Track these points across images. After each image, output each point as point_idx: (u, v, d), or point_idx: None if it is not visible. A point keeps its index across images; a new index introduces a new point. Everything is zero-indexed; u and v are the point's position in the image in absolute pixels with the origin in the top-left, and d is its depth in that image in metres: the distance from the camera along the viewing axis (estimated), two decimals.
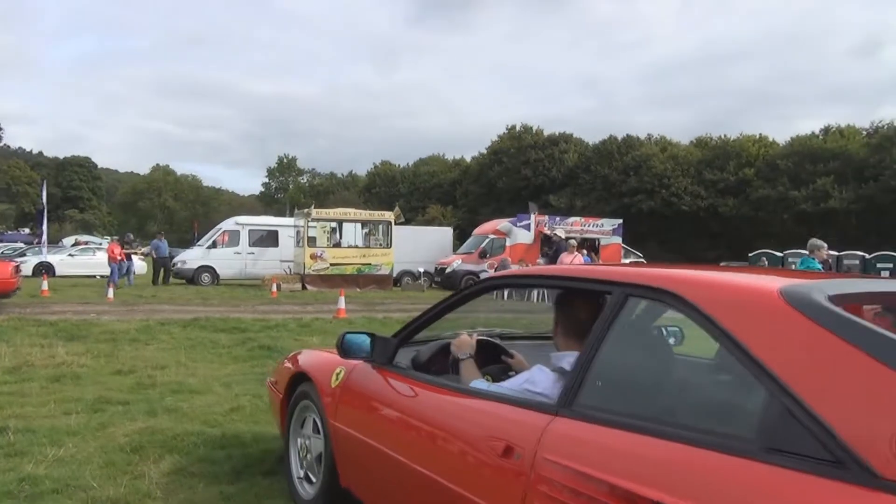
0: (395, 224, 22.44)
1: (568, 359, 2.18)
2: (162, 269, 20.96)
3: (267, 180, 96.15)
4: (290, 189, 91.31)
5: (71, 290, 17.20)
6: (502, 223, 24.04)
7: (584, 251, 19.11)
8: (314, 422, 3.18)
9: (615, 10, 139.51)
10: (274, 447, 4.07)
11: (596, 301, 2.20)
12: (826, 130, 49.38)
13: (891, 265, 26.86)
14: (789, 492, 1.30)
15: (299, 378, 3.37)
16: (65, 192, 78.78)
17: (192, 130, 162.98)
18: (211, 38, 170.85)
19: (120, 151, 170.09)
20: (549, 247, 23.09)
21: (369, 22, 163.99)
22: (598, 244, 23.94)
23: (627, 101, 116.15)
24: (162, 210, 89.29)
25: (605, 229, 24.66)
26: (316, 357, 3.51)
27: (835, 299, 1.53)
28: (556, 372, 2.21)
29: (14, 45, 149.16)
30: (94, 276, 24.21)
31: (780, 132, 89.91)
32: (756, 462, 1.37)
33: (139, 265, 27.35)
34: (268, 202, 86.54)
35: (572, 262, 14.70)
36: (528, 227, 23.12)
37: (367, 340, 2.85)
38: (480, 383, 2.43)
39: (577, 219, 25.32)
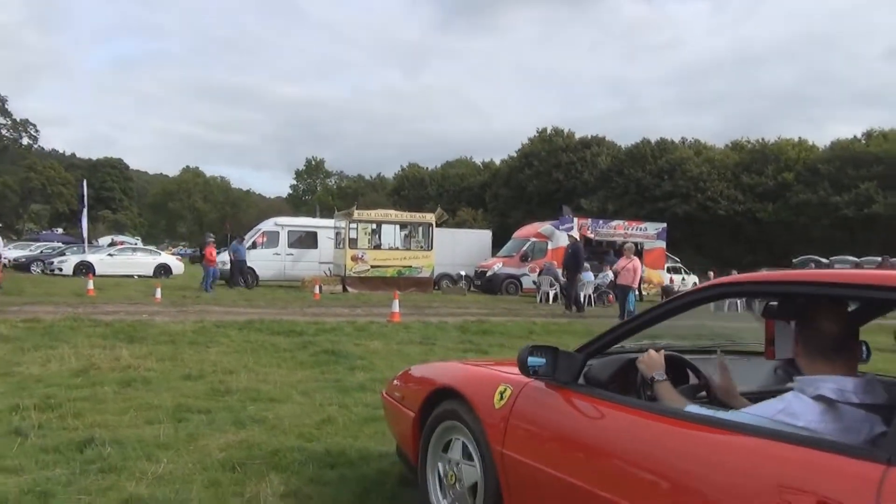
0: (437, 226, 22.09)
1: (831, 385, 1.81)
2: (239, 273, 20.41)
3: (295, 182, 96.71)
4: (317, 191, 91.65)
5: (115, 290, 17.09)
6: (544, 226, 23.59)
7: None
8: (464, 446, 2.75)
9: (644, 12, 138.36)
10: (387, 467, 3.70)
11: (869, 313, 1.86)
12: (868, 134, 48.13)
13: None
14: None
15: (441, 394, 2.94)
16: (98, 193, 79.71)
17: (221, 133, 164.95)
18: (241, 43, 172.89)
19: (150, 153, 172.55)
20: (591, 251, 22.72)
21: (397, 27, 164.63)
22: (642, 248, 23.34)
23: (657, 103, 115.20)
24: (191, 211, 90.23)
25: (648, 233, 24.08)
26: (461, 370, 3.12)
27: None
28: (818, 401, 1.80)
29: (50, 48, 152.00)
30: (133, 276, 24.28)
31: (814, 135, 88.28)
32: None
33: (176, 265, 27.49)
34: (296, 204, 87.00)
35: (627, 266, 14.20)
36: (570, 230, 22.59)
37: (547, 355, 2.44)
38: (696, 408, 2.04)
39: (620, 222, 24.78)
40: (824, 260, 29.27)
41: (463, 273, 23.16)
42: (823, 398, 1.80)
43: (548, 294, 19.82)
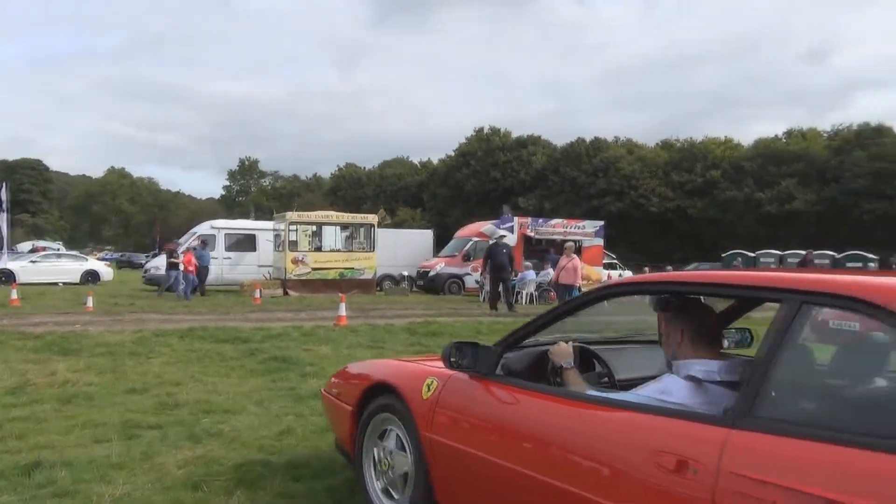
0: (379, 227, 21.94)
1: (697, 367, 2.16)
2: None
3: (228, 183, 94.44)
4: (252, 192, 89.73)
5: (41, 299, 16.25)
6: (486, 225, 23.73)
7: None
8: (397, 436, 3.00)
9: (577, 14, 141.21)
10: (353, 477, 3.62)
11: (735, 307, 2.30)
12: (789, 133, 50.61)
13: (860, 264, 27.46)
14: None
15: (376, 390, 3.18)
16: (14, 196, 75.73)
17: (148, 133, 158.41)
18: (168, 38, 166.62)
19: (72, 154, 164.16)
20: (530, 249, 23.01)
21: (332, 24, 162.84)
22: (581, 246, 23.80)
23: (590, 103, 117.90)
24: (117, 214, 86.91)
25: (587, 231, 24.57)
26: (394, 366, 3.37)
27: None
28: (689, 381, 2.14)
29: None
30: (58, 284, 23.17)
31: (739, 134, 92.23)
32: None
33: (105, 271, 26.38)
34: (229, 205, 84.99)
35: (567, 265, 14.45)
36: (511, 230, 22.84)
37: (468, 350, 2.74)
38: (595, 392, 2.41)
39: (560, 221, 25.19)
40: (750, 254, 30.63)
41: (405, 273, 23.09)
42: (693, 378, 2.14)
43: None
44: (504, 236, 18.34)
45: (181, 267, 17.64)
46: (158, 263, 21.99)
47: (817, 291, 1.87)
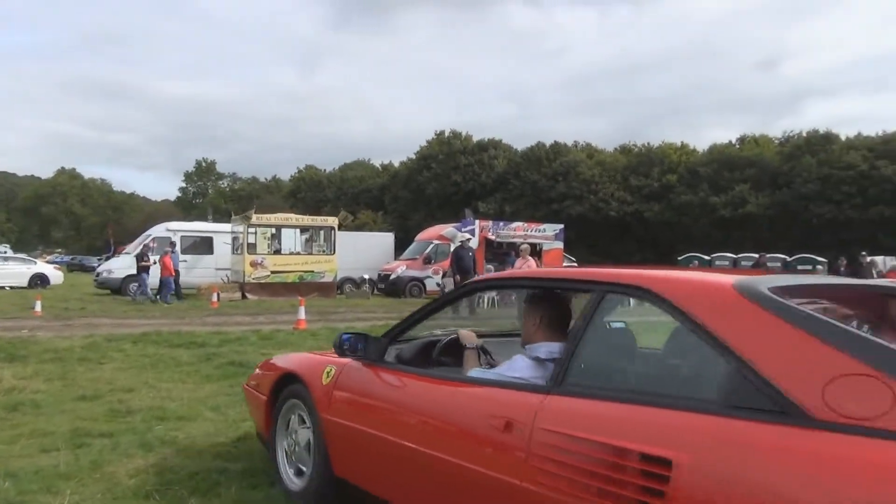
0: (340, 230, 21.76)
1: (543, 348, 2.54)
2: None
3: (184, 185, 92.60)
4: (209, 194, 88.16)
5: None
6: (447, 228, 23.76)
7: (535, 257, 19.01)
8: (301, 417, 3.38)
9: (536, 20, 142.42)
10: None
11: (569, 299, 2.69)
12: (742, 139, 51.92)
13: (809, 266, 28.28)
14: (750, 438, 1.66)
15: (286, 379, 3.52)
16: None
17: (100, 132, 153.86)
18: (121, 36, 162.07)
19: (19, 154, 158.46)
20: (492, 252, 23.08)
21: (290, 24, 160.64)
22: (541, 249, 24.00)
23: (550, 108, 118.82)
24: (68, 216, 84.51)
25: (547, 234, 24.79)
26: (301, 358, 3.70)
27: (774, 290, 1.93)
28: (532, 360, 2.52)
29: None
30: (4, 288, 22.38)
31: (694, 140, 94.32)
32: (722, 417, 1.74)
33: (54, 274, 25.58)
34: (185, 207, 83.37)
35: (523, 267, 14.53)
36: (472, 233, 22.88)
37: (359, 340, 3.13)
38: (478, 371, 2.74)
39: (520, 224, 25.37)
40: (706, 257, 31.28)
41: (366, 276, 22.93)
42: (537, 358, 2.51)
43: None
44: (469, 239, 18.33)
45: (151, 270, 17.58)
46: (112, 267, 21.44)
47: (616, 283, 2.32)
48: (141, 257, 18.08)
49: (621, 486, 1.82)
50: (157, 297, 17.63)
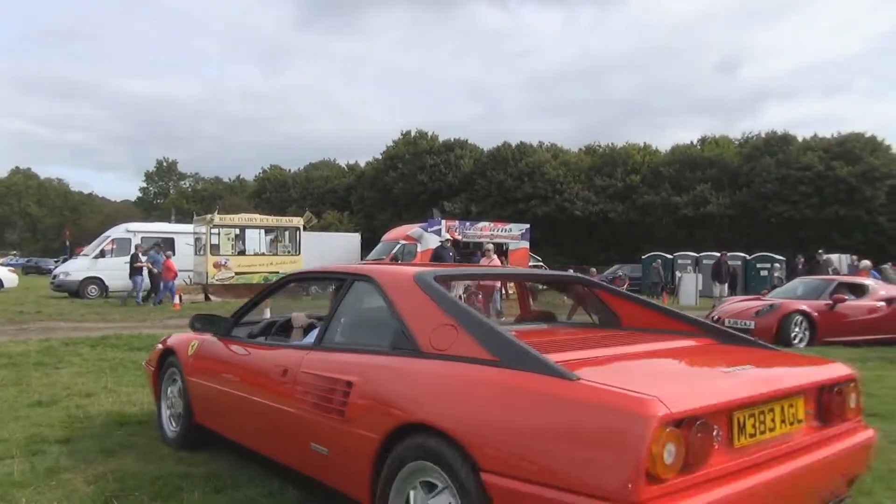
0: (305, 230, 21.55)
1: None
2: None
3: (145, 185, 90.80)
4: (171, 194, 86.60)
5: None
6: (413, 229, 23.69)
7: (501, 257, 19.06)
8: (175, 381, 4.43)
9: (502, 21, 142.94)
10: (276, 490, 3.51)
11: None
12: (703, 140, 52.81)
13: (768, 265, 28.91)
14: (395, 363, 2.76)
15: (167, 353, 4.57)
16: None
17: (56, 131, 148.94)
18: (78, 31, 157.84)
19: None
20: (459, 252, 23.09)
21: (254, 22, 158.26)
22: (507, 248, 24.12)
23: (516, 108, 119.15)
24: (23, 217, 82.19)
25: (513, 234, 24.91)
26: (178, 337, 4.65)
27: (437, 278, 3.01)
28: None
29: None
30: None
31: (657, 140, 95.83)
32: (388, 355, 2.84)
33: (9, 277, 24.81)
34: (146, 208, 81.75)
35: (490, 265, 14.58)
36: (439, 233, 22.88)
37: (212, 320, 4.20)
38: (295, 341, 3.78)
39: (487, 224, 25.43)
40: (669, 256, 31.77)
41: None
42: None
43: None
44: (449, 240, 18.28)
45: (145, 272, 17.32)
46: (69, 269, 20.88)
47: (357, 274, 3.43)
48: (134, 259, 17.60)
49: (331, 400, 2.88)
50: (149, 297, 17.35)
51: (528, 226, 26.30)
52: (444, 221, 23.69)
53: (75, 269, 20.55)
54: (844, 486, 2.67)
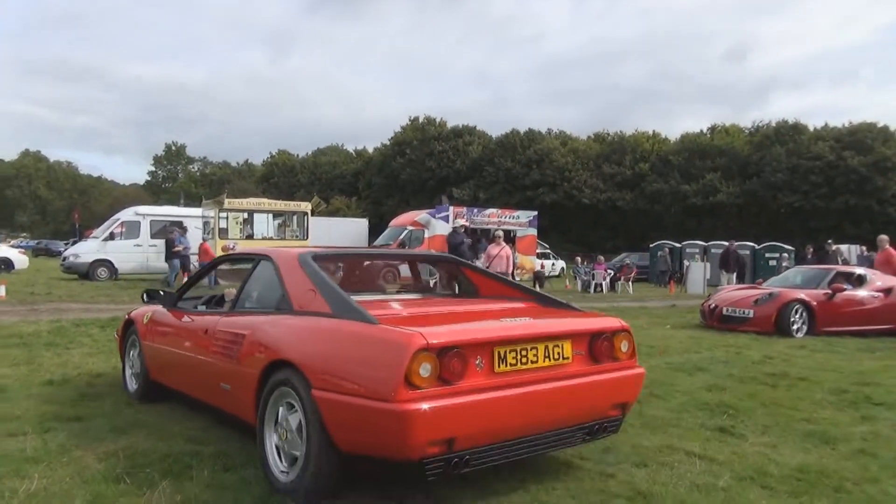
0: (313, 215, 21.56)
1: None
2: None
3: (153, 168, 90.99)
4: (179, 178, 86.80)
5: None
6: (420, 214, 23.65)
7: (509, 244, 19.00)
8: (134, 344, 5.29)
9: (511, 6, 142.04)
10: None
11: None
12: (713, 129, 52.46)
13: (777, 255, 28.74)
14: (277, 320, 3.58)
15: (130, 323, 5.44)
16: None
17: (66, 115, 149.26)
18: (87, 15, 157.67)
19: None
20: (466, 238, 23.02)
21: (263, 9, 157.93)
22: (515, 235, 24.07)
23: (524, 95, 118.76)
24: (33, 199, 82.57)
25: (521, 221, 24.85)
26: (138, 310, 5.46)
27: (314, 257, 3.80)
28: None
29: None
30: None
31: (666, 128, 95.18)
32: (272, 314, 3.69)
33: (19, 259, 24.98)
34: (155, 191, 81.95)
35: (499, 253, 14.54)
36: (446, 219, 22.86)
37: (160, 294, 5.07)
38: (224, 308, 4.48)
39: (494, 210, 25.37)
40: (677, 245, 31.65)
41: (341, 263, 22.78)
42: None
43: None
44: (463, 226, 18.23)
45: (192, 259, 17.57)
46: (78, 251, 21.00)
47: (260, 254, 4.27)
48: (170, 244, 17.62)
49: (231, 349, 3.75)
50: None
51: (535, 213, 26.22)
52: (451, 208, 23.64)
53: (85, 251, 20.65)
54: (615, 409, 3.45)
